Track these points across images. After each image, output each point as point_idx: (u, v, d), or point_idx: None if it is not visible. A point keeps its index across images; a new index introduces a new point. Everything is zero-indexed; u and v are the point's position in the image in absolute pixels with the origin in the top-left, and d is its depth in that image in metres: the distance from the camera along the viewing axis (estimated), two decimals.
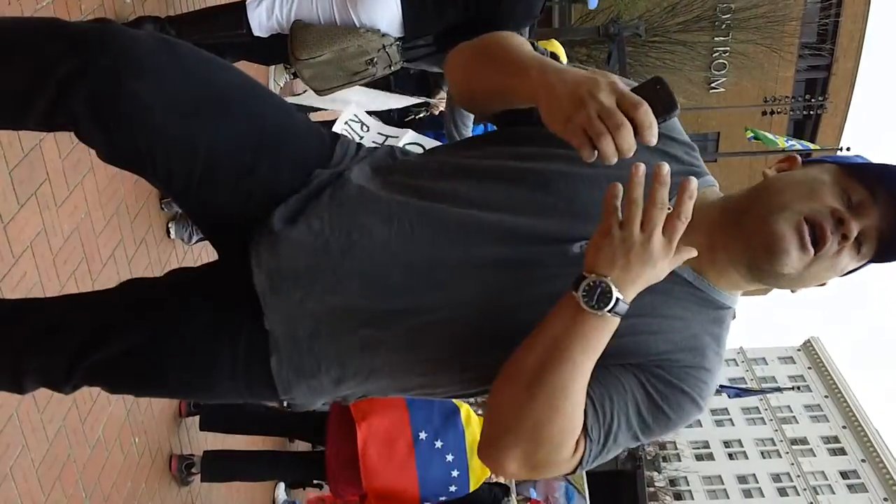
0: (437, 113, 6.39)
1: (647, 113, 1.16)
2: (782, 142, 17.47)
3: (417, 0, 3.56)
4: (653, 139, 1.16)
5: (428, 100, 6.24)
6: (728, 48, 25.89)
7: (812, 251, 1.31)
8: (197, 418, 4.36)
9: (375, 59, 3.65)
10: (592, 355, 1.24)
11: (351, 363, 1.46)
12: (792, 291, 1.44)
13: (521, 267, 1.37)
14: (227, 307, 1.48)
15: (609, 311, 1.19)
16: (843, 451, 49.87)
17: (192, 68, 1.41)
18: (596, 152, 1.16)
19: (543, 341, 1.25)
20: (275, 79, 6.56)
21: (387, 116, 5.68)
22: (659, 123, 1.17)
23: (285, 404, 4.97)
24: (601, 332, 1.22)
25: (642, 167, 1.19)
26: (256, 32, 3.68)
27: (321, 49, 3.60)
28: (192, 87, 1.40)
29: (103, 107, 1.36)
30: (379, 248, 1.38)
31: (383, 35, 3.65)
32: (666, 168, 1.18)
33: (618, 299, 1.19)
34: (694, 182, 1.17)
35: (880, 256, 1.36)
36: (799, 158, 1.45)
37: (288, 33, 3.65)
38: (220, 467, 4.32)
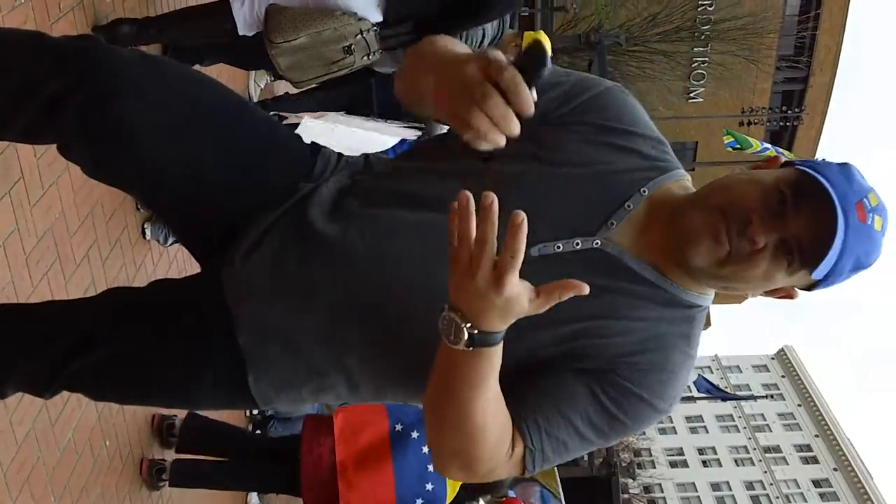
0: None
1: (512, 77, 1.02)
2: (757, 144, 17.69)
3: None
4: (525, 107, 1.03)
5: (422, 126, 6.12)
6: (707, 59, 26.14)
7: (725, 247, 1.28)
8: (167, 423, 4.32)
9: (353, 46, 3.55)
10: (480, 384, 1.18)
11: (327, 374, 1.46)
12: (750, 296, 1.42)
13: None
14: (209, 321, 1.48)
15: (470, 346, 1.12)
16: (815, 460, 50.33)
17: (180, 88, 1.44)
18: (474, 136, 1.05)
19: (434, 376, 1.23)
20: (255, 80, 6.53)
21: (370, 109, 5.62)
22: (531, 86, 1.04)
23: (268, 415, 4.94)
24: (477, 364, 1.16)
25: (464, 197, 1.06)
26: (241, 31, 3.63)
27: (296, 32, 3.53)
28: (180, 107, 1.41)
29: (91, 127, 1.37)
30: (340, 261, 1.38)
31: (360, 19, 3.59)
32: (489, 199, 1.04)
33: (472, 335, 1.11)
34: (520, 216, 1.03)
35: (809, 267, 1.30)
36: (781, 159, 1.41)
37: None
38: (189, 475, 4.29)
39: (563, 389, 1.33)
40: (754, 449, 51.36)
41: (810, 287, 1.37)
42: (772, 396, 46.89)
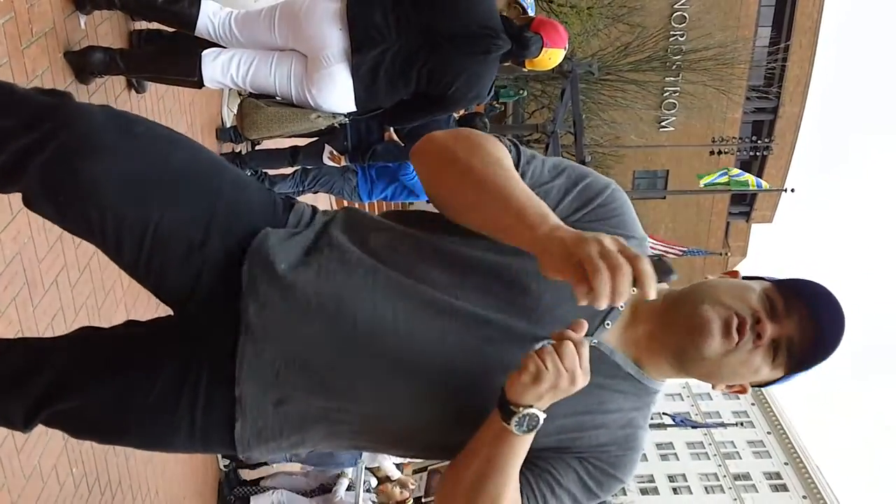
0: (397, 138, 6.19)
1: (647, 264, 1.17)
2: (734, 170, 18.18)
3: (370, 80, 3.59)
4: (651, 292, 1.17)
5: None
6: (678, 88, 26.45)
7: (735, 339, 1.42)
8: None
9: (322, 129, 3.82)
10: (520, 462, 1.42)
11: (312, 430, 1.50)
12: (713, 387, 1.55)
13: (488, 359, 1.43)
14: (187, 368, 1.48)
15: (536, 430, 1.38)
16: (784, 488, 50.48)
17: (146, 147, 1.45)
18: (588, 295, 1.16)
19: (479, 460, 1.42)
20: (228, 105, 6.53)
21: (342, 147, 5.64)
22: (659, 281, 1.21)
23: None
24: (528, 444, 1.41)
25: (579, 329, 1.34)
26: (207, 84, 3.69)
27: (270, 131, 3.71)
28: (145, 167, 1.43)
29: (55, 183, 1.39)
30: (362, 330, 1.41)
31: (334, 116, 3.75)
32: (583, 326, 1.34)
33: (541, 419, 1.37)
34: (581, 326, 1.35)
35: (795, 364, 1.47)
36: (740, 273, 1.61)
37: (238, 90, 3.71)
38: None
39: (557, 472, 1.52)
40: (724, 476, 51.41)
41: (766, 384, 1.55)
42: (742, 424, 47.08)
